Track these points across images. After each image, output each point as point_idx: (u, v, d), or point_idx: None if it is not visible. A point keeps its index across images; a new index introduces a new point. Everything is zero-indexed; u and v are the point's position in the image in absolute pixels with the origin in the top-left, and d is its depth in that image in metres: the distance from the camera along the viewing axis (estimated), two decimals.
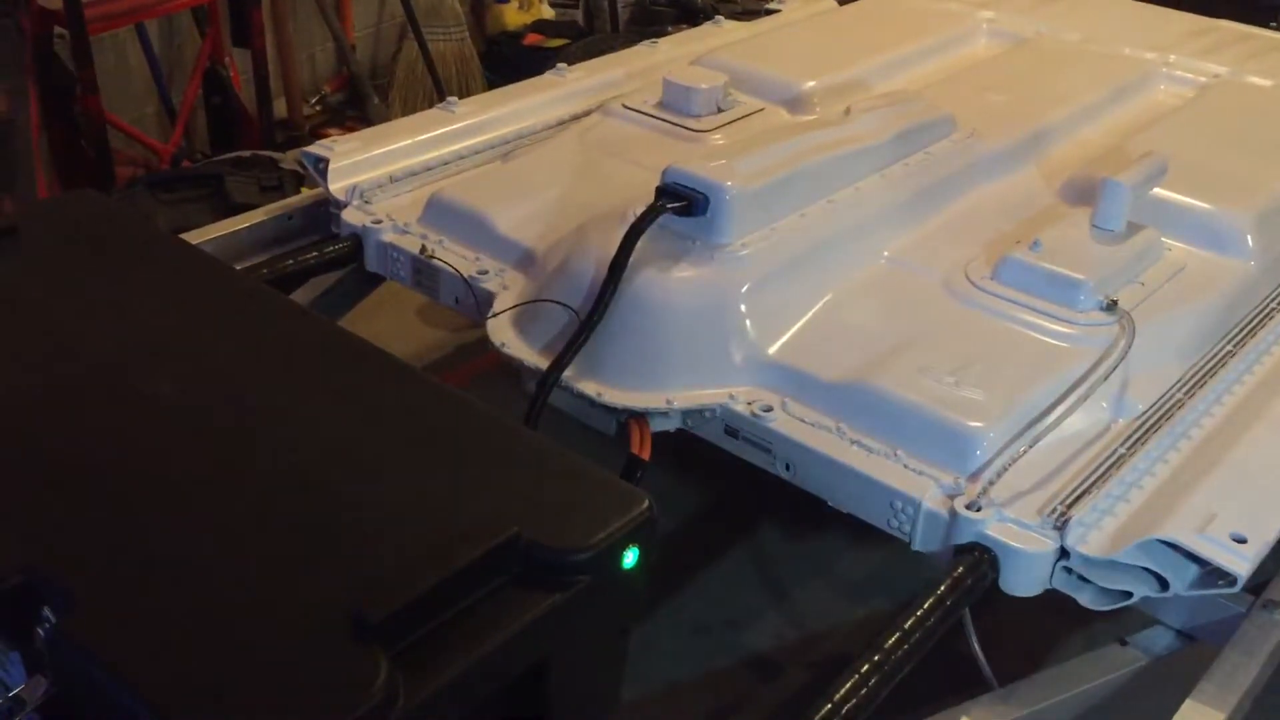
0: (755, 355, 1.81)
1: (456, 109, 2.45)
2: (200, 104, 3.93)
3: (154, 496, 1.24)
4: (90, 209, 1.82)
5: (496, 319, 1.93)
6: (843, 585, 2.42)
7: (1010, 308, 1.88)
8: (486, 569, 1.16)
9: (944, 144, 2.23)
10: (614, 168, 2.23)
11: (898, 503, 1.63)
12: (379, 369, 1.48)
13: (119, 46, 3.83)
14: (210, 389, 1.41)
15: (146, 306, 1.56)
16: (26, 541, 1.17)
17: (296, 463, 1.31)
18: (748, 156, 1.94)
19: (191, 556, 1.17)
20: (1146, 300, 1.91)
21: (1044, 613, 1.70)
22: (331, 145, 2.28)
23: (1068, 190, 2.22)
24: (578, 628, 1.21)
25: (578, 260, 1.91)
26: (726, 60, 2.59)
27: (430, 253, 2.09)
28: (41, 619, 1.12)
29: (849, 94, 2.47)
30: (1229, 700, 1.49)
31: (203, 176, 3.27)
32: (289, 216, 2.32)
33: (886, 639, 1.45)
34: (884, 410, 1.70)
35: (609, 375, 1.80)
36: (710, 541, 2.52)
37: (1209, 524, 1.50)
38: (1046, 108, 2.47)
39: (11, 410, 1.36)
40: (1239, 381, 1.87)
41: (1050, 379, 1.74)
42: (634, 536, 1.23)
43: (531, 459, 1.33)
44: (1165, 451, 1.70)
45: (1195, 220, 2.09)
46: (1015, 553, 1.54)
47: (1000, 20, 2.97)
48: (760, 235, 1.89)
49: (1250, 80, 2.69)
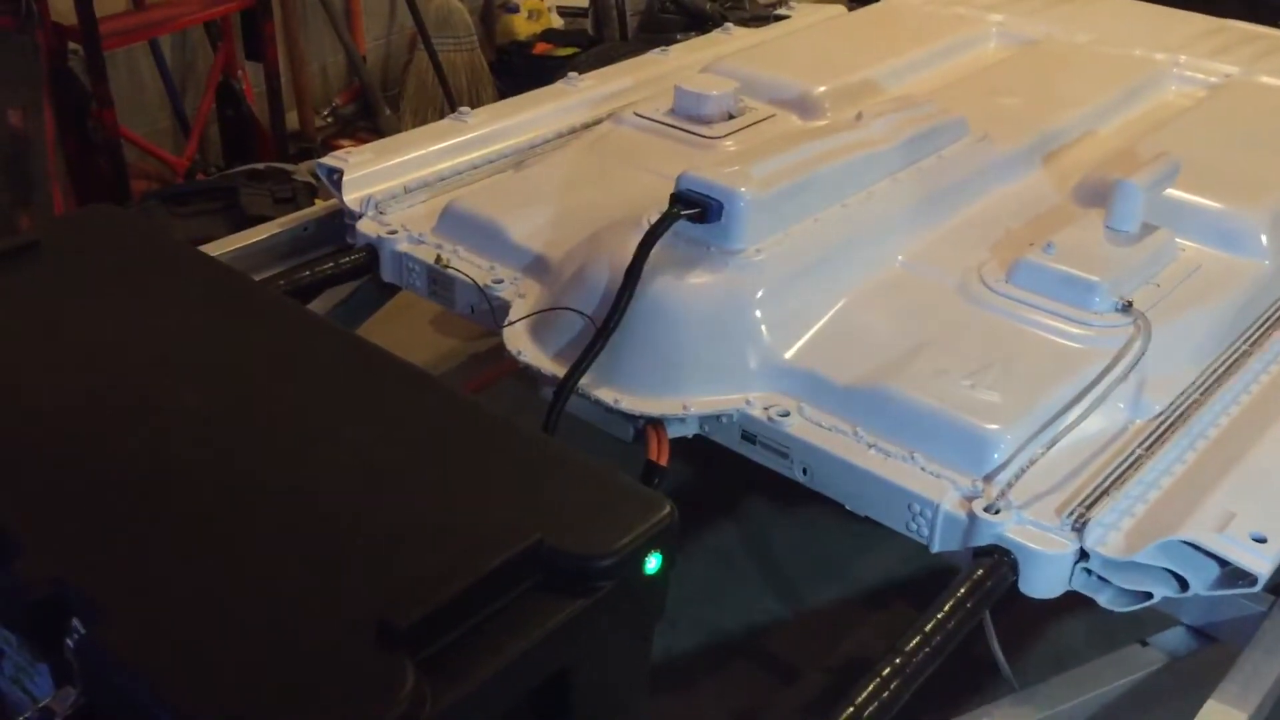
0: (771, 360, 1.82)
1: (469, 119, 2.46)
2: (214, 117, 3.96)
3: (179, 507, 1.25)
4: (109, 223, 1.83)
5: (512, 327, 1.94)
6: (862, 589, 2.42)
7: (1025, 310, 1.88)
8: (510, 576, 1.16)
9: (956, 147, 2.23)
10: (627, 175, 2.24)
11: (916, 506, 1.63)
12: (399, 378, 1.48)
13: (133, 62, 3.85)
14: (234, 399, 1.42)
15: (168, 318, 1.58)
16: (55, 553, 1.18)
17: (320, 472, 1.31)
18: (761, 162, 1.95)
19: (217, 566, 1.18)
20: (1162, 301, 1.91)
21: (1064, 614, 1.70)
22: (346, 157, 2.30)
23: (1081, 192, 2.22)
24: (601, 634, 1.21)
25: (593, 268, 1.91)
26: (737, 67, 2.60)
27: (445, 262, 2.10)
28: (70, 630, 1.13)
29: (860, 99, 2.47)
30: (1251, 700, 1.49)
31: (217, 189, 3.29)
32: (304, 228, 2.34)
33: (907, 642, 1.45)
34: (901, 413, 1.70)
35: (625, 382, 1.81)
36: (727, 546, 2.52)
37: (1228, 524, 1.50)
38: (1058, 110, 2.47)
39: (37, 424, 1.37)
40: (1256, 381, 1.87)
41: (1067, 381, 1.74)
42: (656, 542, 1.24)
43: (552, 466, 1.34)
44: (1183, 452, 1.70)
45: (1209, 220, 2.09)
46: (1034, 554, 1.54)
47: (1010, 23, 2.98)
48: (774, 241, 1.90)
49: (1262, 80, 2.69)
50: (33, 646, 1.18)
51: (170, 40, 3.95)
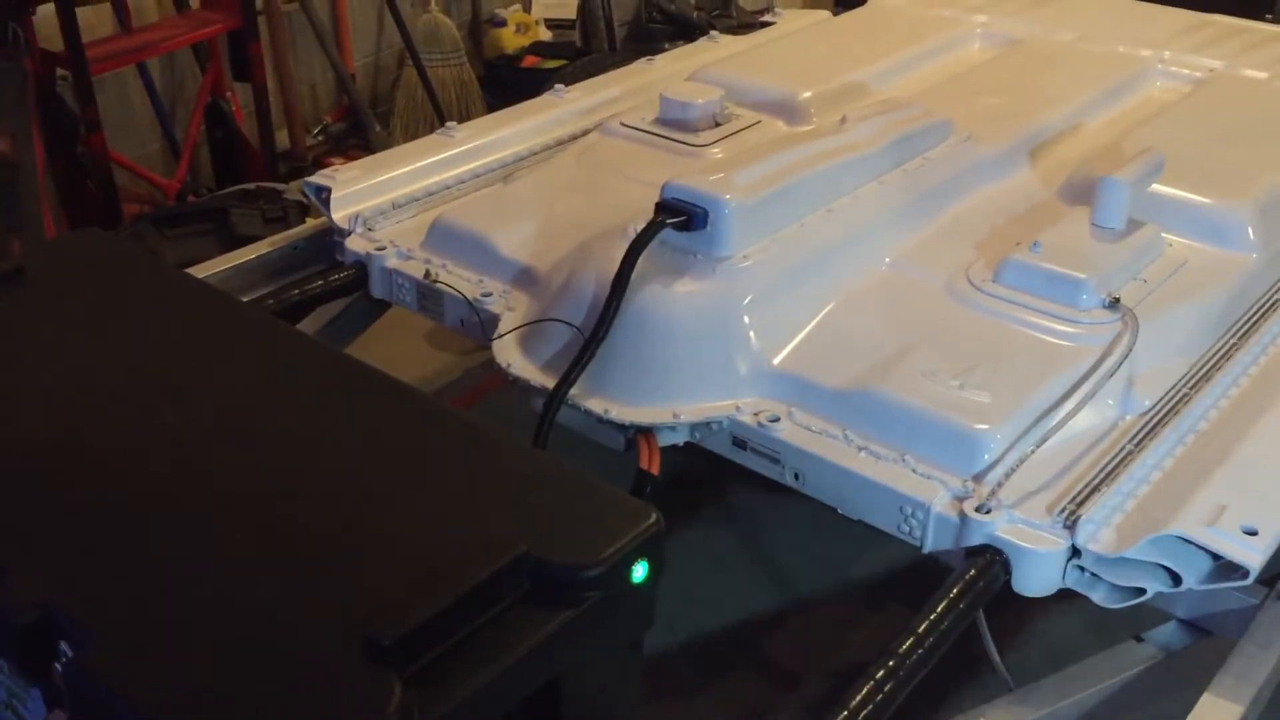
0: (760, 366, 1.82)
1: (456, 134, 2.47)
2: (203, 138, 3.97)
3: (166, 528, 1.25)
4: (96, 247, 1.84)
5: (502, 340, 1.94)
6: (856, 591, 2.42)
7: (1013, 309, 1.88)
8: (497, 588, 1.16)
9: (941, 148, 2.23)
10: (614, 185, 2.25)
11: (907, 508, 1.63)
12: (385, 394, 1.48)
13: (121, 85, 3.87)
14: (221, 420, 1.42)
15: (155, 342, 1.58)
16: (43, 577, 1.18)
17: (307, 489, 1.31)
18: (746, 169, 1.95)
19: (205, 586, 1.18)
20: (1149, 296, 1.91)
21: (1058, 611, 1.70)
22: (333, 174, 2.30)
23: (1066, 190, 2.23)
24: (589, 644, 1.21)
25: (580, 278, 1.92)
26: (722, 74, 2.60)
27: (434, 277, 2.11)
28: (59, 654, 1.13)
29: (845, 102, 2.48)
30: (1247, 692, 1.49)
31: (207, 210, 3.29)
32: (294, 247, 2.34)
33: (901, 644, 1.45)
34: (890, 415, 1.70)
35: (615, 391, 1.81)
36: (722, 551, 2.52)
37: (1219, 517, 1.50)
38: (1042, 108, 2.48)
39: (25, 448, 1.37)
40: (1245, 374, 1.87)
41: (1055, 378, 1.74)
42: (643, 550, 1.24)
43: (537, 477, 1.34)
44: (1173, 447, 1.70)
45: (1195, 214, 2.09)
46: (1027, 553, 1.54)
47: (993, 24, 2.98)
48: (761, 246, 1.90)
49: (1246, 73, 2.70)
50: (23, 670, 1.18)
51: (158, 63, 3.97)
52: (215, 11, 3.75)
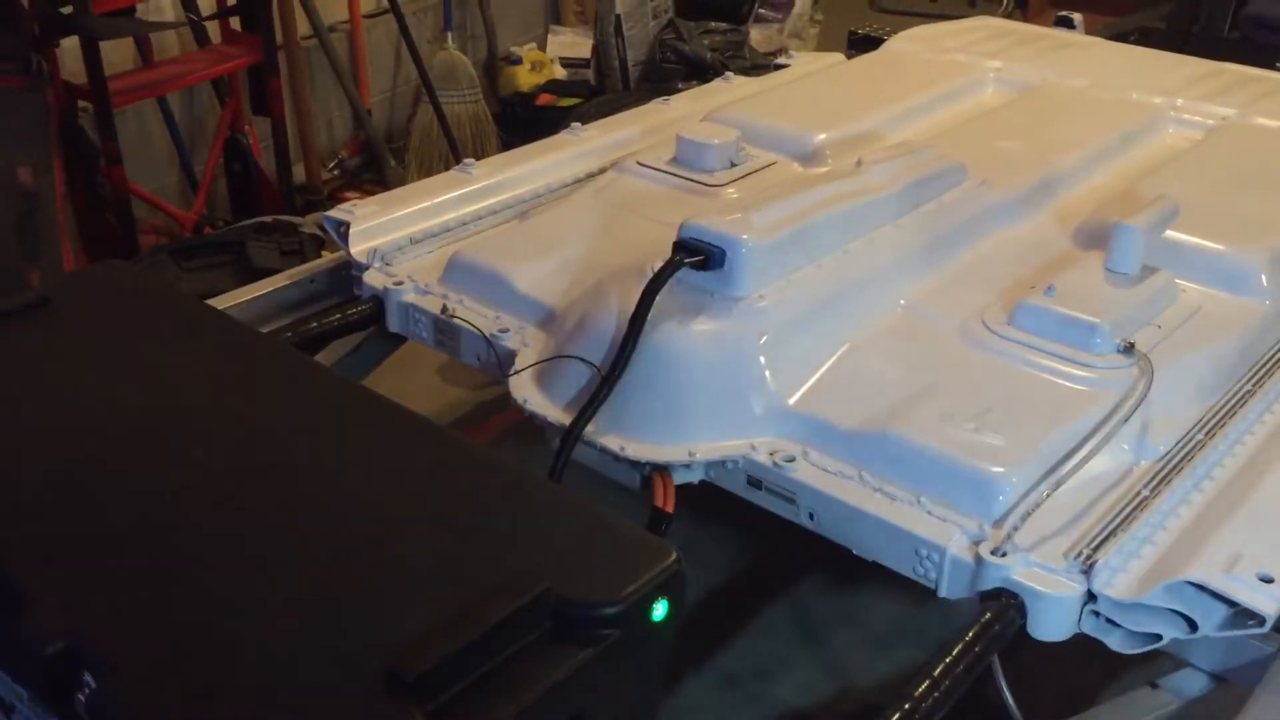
0: (776, 405, 1.83)
1: (474, 170, 2.49)
2: (221, 171, 4.00)
3: (190, 559, 1.26)
4: (118, 279, 1.85)
5: (518, 376, 1.95)
6: (872, 634, 2.41)
7: (1028, 353, 1.89)
8: (519, 625, 1.17)
9: (956, 192, 2.25)
10: (630, 224, 2.26)
11: (923, 550, 1.64)
12: (405, 428, 1.50)
13: (141, 118, 3.90)
14: (242, 452, 1.43)
15: (177, 373, 1.59)
16: (67, 608, 1.19)
17: (328, 522, 1.32)
18: (763, 210, 1.97)
19: (228, 618, 1.19)
20: (1164, 342, 1.92)
21: (1073, 657, 1.69)
22: (352, 209, 2.32)
23: (1080, 235, 2.24)
24: (609, 682, 1.22)
25: (597, 316, 1.93)
26: (738, 115, 2.62)
27: (451, 312, 2.12)
28: (82, 684, 1.14)
29: (860, 145, 2.49)
30: None
31: (224, 243, 3.32)
32: (311, 280, 2.36)
33: (916, 687, 1.45)
34: (906, 457, 1.71)
35: (631, 429, 1.82)
36: (737, 592, 2.51)
37: (1235, 564, 1.50)
38: (1057, 154, 2.50)
39: (50, 479, 1.38)
40: (1260, 421, 1.87)
41: (1070, 423, 1.75)
42: (663, 589, 1.24)
43: (559, 514, 1.35)
44: (1189, 493, 1.70)
45: (1209, 261, 2.10)
46: (1042, 598, 1.54)
47: (1007, 70, 3.01)
48: (777, 287, 1.91)
49: (1259, 121, 2.72)
50: (46, 700, 1.19)
51: (179, 97, 4.01)
52: (236, 46, 3.80)
